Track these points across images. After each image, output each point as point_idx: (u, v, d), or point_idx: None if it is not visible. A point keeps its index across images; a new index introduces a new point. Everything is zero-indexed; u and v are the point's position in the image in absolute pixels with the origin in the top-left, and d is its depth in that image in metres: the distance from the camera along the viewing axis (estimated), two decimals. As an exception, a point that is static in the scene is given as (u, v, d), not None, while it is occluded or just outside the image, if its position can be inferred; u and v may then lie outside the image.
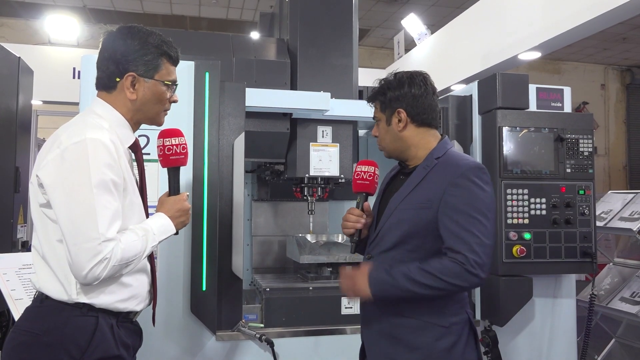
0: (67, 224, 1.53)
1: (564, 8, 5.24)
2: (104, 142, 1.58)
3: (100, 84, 1.75)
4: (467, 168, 1.79)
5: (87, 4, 9.86)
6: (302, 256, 2.96)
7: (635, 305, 3.61)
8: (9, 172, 3.38)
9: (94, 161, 1.54)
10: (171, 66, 1.79)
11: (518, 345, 2.84)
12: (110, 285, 1.62)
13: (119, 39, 1.71)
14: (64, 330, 1.56)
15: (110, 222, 1.54)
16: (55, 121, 9.33)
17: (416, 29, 9.03)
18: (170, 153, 1.80)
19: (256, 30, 4.17)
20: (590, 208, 2.76)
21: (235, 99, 2.60)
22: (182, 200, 1.80)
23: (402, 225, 1.83)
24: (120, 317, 1.67)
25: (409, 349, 1.80)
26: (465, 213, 1.73)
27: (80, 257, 1.50)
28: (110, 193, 1.57)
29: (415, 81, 1.93)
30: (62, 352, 1.54)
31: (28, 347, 1.56)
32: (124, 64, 1.69)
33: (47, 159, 1.58)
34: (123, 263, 1.56)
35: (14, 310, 2.29)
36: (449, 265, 1.70)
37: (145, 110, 1.76)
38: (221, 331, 2.52)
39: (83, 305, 1.59)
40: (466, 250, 1.69)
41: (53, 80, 7.12)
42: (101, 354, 1.58)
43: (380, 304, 1.85)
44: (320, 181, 2.96)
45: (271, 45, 3.23)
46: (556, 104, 2.99)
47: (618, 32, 10.44)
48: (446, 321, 1.80)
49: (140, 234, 1.64)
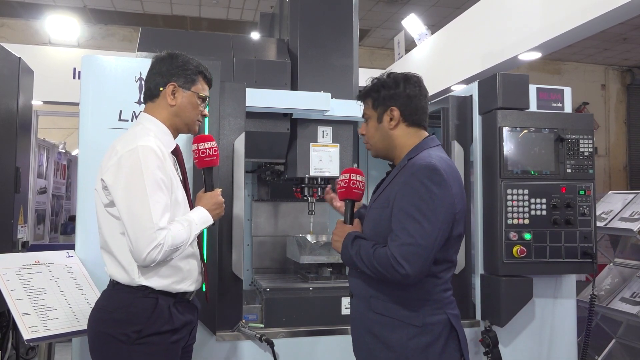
0: (127, 217, 1.84)
1: (564, 8, 5.23)
2: (153, 148, 1.89)
3: (146, 95, 2.08)
4: (419, 168, 1.80)
5: (87, 4, 9.86)
6: (302, 256, 2.96)
7: (635, 305, 3.61)
8: (9, 173, 3.38)
9: (145, 164, 1.85)
10: (205, 84, 2.11)
11: (518, 346, 2.83)
12: (165, 269, 1.92)
13: (166, 59, 2.06)
14: (129, 308, 1.88)
15: (162, 213, 1.85)
16: (55, 121, 9.34)
17: (416, 30, 9.02)
18: (205, 155, 2.10)
19: (256, 31, 4.17)
20: (590, 208, 2.76)
21: (235, 99, 2.60)
22: (217, 195, 2.11)
23: (370, 224, 1.94)
24: (177, 297, 1.97)
25: (385, 346, 1.83)
26: (405, 212, 1.77)
27: (140, 244, 1.81)
28: (160, 190, 1.87)
29: (410, 81, 1.95)
30: (128, 326, 1.86)
31: (103, 321, 1.91)
32: (168, 77, 2.03)
33: (107, 166, 1.91)
34: (173, 248, 1.86)
35: (14, 310, 2.28)
36: (382, 255, 1.77)
37: (183, 116, 2.06)
38: (221, 331, 2.52)
39: (145, 288, 1.90)
40: (395, 247, 1.74)
41: (53, 80, 7.11)
42: (157, 328, 1.89)
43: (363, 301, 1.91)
44: (321, 181, 2.96)
45: (271, 46, 3.23)
46: (556, 105, 2.99)
47: (618, 33, 10.44)
48: (419, 321, 1.81)
49: (185, 224, 1.92)
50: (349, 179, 2.04)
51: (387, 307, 1.84)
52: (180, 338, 1.98)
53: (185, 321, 2.00)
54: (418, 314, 1.82)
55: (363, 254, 1.83)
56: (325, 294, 2.82)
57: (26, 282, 2.41)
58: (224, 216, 2.49)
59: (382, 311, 1.85)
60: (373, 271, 1.80)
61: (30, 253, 2.55)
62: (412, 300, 1.83)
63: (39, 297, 2.36)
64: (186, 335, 2.03)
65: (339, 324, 2.71)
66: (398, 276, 1.73)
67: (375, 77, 2.02)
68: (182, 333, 1.99)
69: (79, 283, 2.47)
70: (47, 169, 7.14)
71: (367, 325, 1.90)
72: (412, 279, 1.73)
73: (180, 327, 1.97)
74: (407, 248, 1.72)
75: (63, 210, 8.01)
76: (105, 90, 2.49)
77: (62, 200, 7.90)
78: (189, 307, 2.05)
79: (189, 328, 2.05)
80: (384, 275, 1.77)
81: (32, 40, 9.86)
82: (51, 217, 7.41)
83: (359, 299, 1.95)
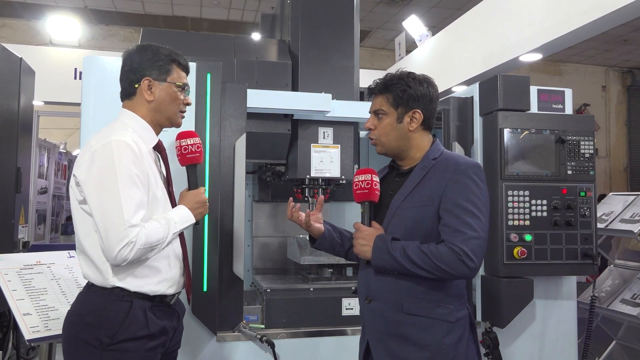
0: (98, 214, 1.76)
1: (565, 10, 5.24)
2: (127, 142, 1.81)
3: (123, 94, 2.01)
4: (467, 166, 1.85)
5: (88, 5, 9.87)
6: (303, 257, 2.96)
7: (636, 307, 3.60)
8: (10, 173, 3.38)
9: (119, 159, 1.77)
10: (182, 72, 2.02)
11: (519, 347, 2.83)
12: (141, 269, 1.84)
13: (135, 53, 1.99)
14: (102, 312, 1.80)
15: (135, 210, 1.76)
16: (56, 122, 9.34)
17: (417, 31, 9.03)
18: (187, 152, 2.01)
19: (257, 32, 4.17)
20: (591, 210, 2.76)
21: (236, 100, 2.61)
22: (200, 194, 2.01)
23: (405, 224, 1.88)
24: (155, 301, 1.88)
25: (417, 346, 1.82)
26: (463, 207, 1.79)
27: (111, 241, 1.73)
28: (135, 185, 1.79)
29: (432, 83, 1.96)
30: (100, 330, 1.78)
31: (75, 325, 1.83)
32: (141, 71, 1.95)
33: (80, 161, 1.84)
34: (147, 247, 1.77)
35: (15, 310, 2.29)
36: (443, 252, 1.75)
37: (163, 110, 1.98)
38: (222, 332, 2.52)
39: (119, 290, 1.82)
40: (461, 241, 1.74)
41: (54, 80, 7.12)
42: (132, 334, 1.80)
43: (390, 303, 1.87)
44: (321, 182, 2.96)
45: (272, 47, 3.23)
46: (557, 106, 3.00)
47: (619, 34, 10.44)
48: (453, 317, 1.84)
49: (163, 223, 1.84)
50: (371, 180, 1.95)
51: (421, 306, 1.83)
52: (158, 345, 1.88)
53: (163, 327, 1.89)
54: (451, 310, 1.84)
55: (413, 254, 1.77)
56: (326, 294, 2.82)
57: (27, 282, 2.41)
58: (226, 217, 2.51)
59: (415, 311, 1.83)
60: (432, 270, 1.75)
61: (31, 253, 2.56)
62: (445, 297, 1.85)
63: (40, 297, 2.37)
64: (166, 342, 1.93)
65: (340, 325, 2.71)
66: (467, 271, 1.74)
67: (396, 73, 1.96)
68: (160, 339, 1.88)
69: (80, 283, 2.47)
70: (48, 169, 7.14)
71: (393, 329, 1.86)
72: (476, 272, 1.78)
73: (158, 333, 1.87)
74: (474, 242, 1.75)
75: (63, 210, 8.02)
76: (107, 91, 2.49)
77: (62, 200, 7.90)
78: (168, 312, 1.94)
79: (169, 334, 1.94)
80: (447, 273, 1.75)
81: (34, 41, 9.88)
82: (52, 217, 7.42)
83: (384, 302, 1.88)
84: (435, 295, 1.84)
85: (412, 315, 1.84)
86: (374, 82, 2.02)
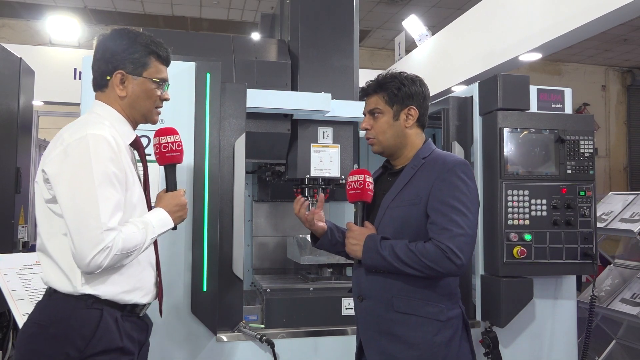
0: (70, 215, 1.58)
1: (564, 9, 5.24)
2: (105, 137, 1.64)
3: (95, 84, 1.82)
4: (454, 164, 1.87)
5: (88, 5, 9.87)
6: (303, 257, 2.96)
7: (635, 306, 3.61)
8: (10, 173, 3.38)
9: (96, 155, 1.60)
10: (161, 65, 1.84)
11: (518, 347, 2.83)
12: (114, 276, 1.67)
13: (109, 40, 1.78)
14: (69, 322, 1.60)
15: (112, 212, 1.60)
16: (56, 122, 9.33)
17: (417, 30, 9.03)
18: (167, 150, 1.85)
19: (257, 31, 4.17)
20: (591, 209, 2.76)
21: (236, 99, 2.61)
22: (179, 196, 1.85)
23: (394, 223, 1.90)
24: (125, 311, 1.71)
25: (408, 345, 1.84)
26: (450, 205, 1.80)
27: (83, 246, 1.55)
28: (112, 185, 1.62)
29: (423, 82, 2.00)
30: (67, 343, 1.58)
31: (35, 337, 1.61)
32: (113, 63, 1.75)
33: (51, 156, 1.65)
34: (124, 253, 1.61)
35: (15, 310, 2.29)
36: (430, 249, 1.77)
37: (137, 107, 1.80)
38: (222, 332, 2.52)
39: (88, 297, 1.63)
40: (448, 239, 1.76)
41: (54, 81, 7.11)
42: (104, 346, 1.62)
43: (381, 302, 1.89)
44: (321, 182, 2.96)
45: (272, 46, 3.23)
46: (557, 105, 3.00)
47: (619, 34, 10.44)
48: (444, 316, 1.85)
49: (140, 227, 1.68)
50: (364, 180, 1.97)
51: (412, 305, 1.85)
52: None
53: (136, 339, 1.74)
54: (442, 309, 1.85)
55: (401, 252, 1.79)
56: (326, 294, 2.82)
57: (27, 282, 2.41)
58: (225, 217, 2.51)
59: (406, 310, 1.85)
60: (420, 268, 1.77)
61: (31, 253, 2.56)
62: (436, 296, 1.86)
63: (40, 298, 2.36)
64: (134, 356, 1.74)
65: (340, 325, 2.72)
66: (453, 268, 1.76)
67: (388, 74, 2.00)
68: (131, 355, 1.71)
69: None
70: (48, 169, 7.13)
71: (384, 328, 1.88)
72: (464, 269, 1.78)
73: (130, 347, 1.69)
74: (460, 239, 1.76)
75: (63, 210, 8.01)
76: (106, 91, 2.49)
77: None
78: (139, 324, 1.77)
79: (137, 349, 1.77)
80: (434, 270, 1.77)
81: (33, 41, 9.87)
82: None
83: (375, 301, 1.91)
84: (425, 293, 1.85)
85: (403, 314, 1.85)
86: (366, 84, 2.05)
